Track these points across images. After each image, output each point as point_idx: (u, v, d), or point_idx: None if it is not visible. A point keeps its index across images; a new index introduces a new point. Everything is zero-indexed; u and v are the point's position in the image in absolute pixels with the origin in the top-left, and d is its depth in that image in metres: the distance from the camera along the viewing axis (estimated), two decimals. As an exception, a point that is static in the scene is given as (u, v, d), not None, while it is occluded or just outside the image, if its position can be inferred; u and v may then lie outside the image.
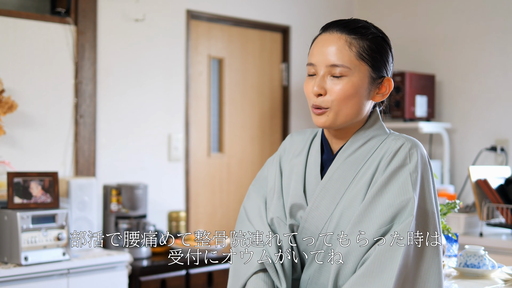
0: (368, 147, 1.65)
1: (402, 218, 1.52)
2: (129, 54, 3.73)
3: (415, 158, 1.59)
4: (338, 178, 1.64)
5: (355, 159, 1.64)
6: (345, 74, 1.60)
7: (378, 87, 1.65)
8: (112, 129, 3.66)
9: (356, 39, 1.61)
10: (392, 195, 1.55)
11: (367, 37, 1.62)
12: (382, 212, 1.53)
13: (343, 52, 1.60)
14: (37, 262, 2.84)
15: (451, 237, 2.39)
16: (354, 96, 1.60)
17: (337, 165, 1.65)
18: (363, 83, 1.61)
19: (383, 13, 4.78)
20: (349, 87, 1.60)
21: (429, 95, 4.35)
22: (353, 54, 1.60)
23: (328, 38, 1.63)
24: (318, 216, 1.64)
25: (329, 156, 1.70)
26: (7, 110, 3.12)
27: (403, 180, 1.56)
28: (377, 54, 1.62)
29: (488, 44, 4.26)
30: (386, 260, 1.48)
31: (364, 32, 1.62)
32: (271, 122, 4.50)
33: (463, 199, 4.23)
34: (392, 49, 1.69)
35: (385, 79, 1.66)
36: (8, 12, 3.30)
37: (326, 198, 1.64)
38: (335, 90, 1.60)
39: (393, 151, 1.60)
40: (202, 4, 4.04)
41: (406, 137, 1.65)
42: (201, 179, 4.12)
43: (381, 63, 1.64)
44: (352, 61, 1.60)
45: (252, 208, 1.80)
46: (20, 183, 2.91)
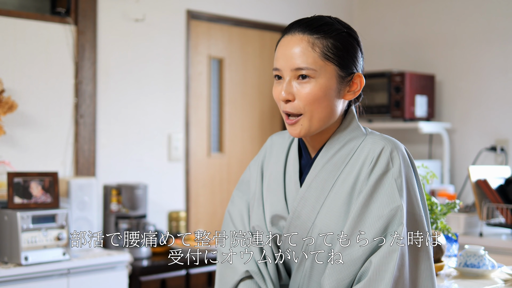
0: (346, 151, 1.60)
1: (393, 228, 1.49)
2: (129, 54, 3.73)
3: (397, 161, 1.54)
4: (317, 186, 1.60)
5: (333, 164, 1.60)
6: (311, 76, 1.54)
7: (348, 85, 1.59)
8: (112, 129, 3.66)
9: (319, 39, 1.54)
10: (381, 204, 1.51)
11: (331, 35, 1.55)
12: (373, 224, 1.50)
13: (307, 53, 1.54)
14: (37, 262, 2.84)
15: (451, 237, 2.39)
16: (323, 98, 1.55)
17: (315, 173, 1.60)
18: (331, 84, 1.55)
19: (383, 13, 4.78)
20: (317, 90, 1.54)
21: (429, 95, 4.35)
22: (317, 54, 1.54)
23: (291, 40, 1.57)
24: (300, 225, 1.60)
25: (307, 161, 1.66)
26: (7, 110, 3.12)
27: (388, 187, 1.52)
28: (343, 52, 1.56)
29: (488, 44, 4.27)
30: (382, 272, 1.46)
31: (327, 29, 1.56)
32: (271, 122, 4.50)
33: (463, 199, 4.23)
34: (361, 43, 1.62)
35: (355, 76, 1.59)
36: (8, 12, 3.30)
37: (306, 207, 1.60)
38: (302, 95, 1.54)
39: (375, 157, 1.55)
40: (202, 4, 4.04)
41: (385, 138, 1.60)
42: (201, 179, 4.12)
43: (348, 60, 1.57)
44: (317, 62, 1.54)
45: (235, 213, 1.77)
46: (20, 183, 2.91)
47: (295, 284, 1.64)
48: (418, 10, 4.61)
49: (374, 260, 1.48)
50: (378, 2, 4.83)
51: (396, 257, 1.47)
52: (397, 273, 1.47)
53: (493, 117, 4.24)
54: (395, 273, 1.46)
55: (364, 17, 4.88)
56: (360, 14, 4.88)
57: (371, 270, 1.47)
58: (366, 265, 1.49)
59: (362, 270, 1.49)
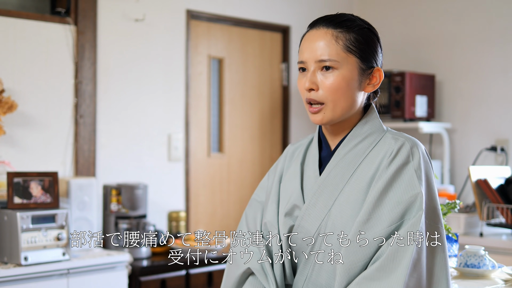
0: (366, 144, 1.67)
1: (412, 214, 1.53)
2: (129, 54, 3.73)
3: (417, 156, 1.61)
4: (336, 174, 1.65)
5: (353, 155, 1.65)
6: (334, 67, 1.62)
7: (368, 78, 1.67)
8: (112, 129, 3.66)
9: (342, 33, 1.63)
10: (400, 191, 1.56)
11: (353, 30, 1.64)
12: (392, 209, 1.54)
13: (330, 46, 1.62)
14: (37, 262, 2.84)
15: (451, 237, 2.39)
16: (346, 88, 1.63)
17: (336, 162, 1.66)
18: (353, 75, 1.63)
19: (383, 13, 4.78)
20: (340, 80, 1.62)
21: (429, 95, 4.35)
22: (340, 47, 1.62)
23: (315, 34, 1.65)
24: (315, 213, 1.64)
25: (327, 153, 1.71)
26: (7, 110, 3.12)
27: (409, 176, 1.57)
28: (364, 46, 1.65)
29: (488, 44, 4.26)
30: (399, 256, 1.49)
31: (350, 25, 1.65)
32: (271, 122, 4.50)
33: (463, 199, 4.23)
34: (380, 40, 1.71)
35: (375, 70, 1.68)
36: (8, 12, 3.29)
37: (324, 194, 1.64)
38: (326, 84, 1.62)
39: (395, 149, 1.61)
40: (202, 4, 4.04)
41: (405, 136, 1.67)
42: (201, 179, 4.12)
43: (369, 54, 1.66)
44: (340, 54, 1.62)
45: (250, 216, 1.83)
46: (20, 183, 2.91)
47: (302, 277, 1.66)
48: (418, 10, 4.61)
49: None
50: (378, 2, 4.83)
51: (416, 239, 1.50)
52: (415, 255, 1.50)
53: (493, 117, 4.24)
54: (413, 255, 1.49)
55: (364, 17, 4.86)
56: (360, 14, 4.88)
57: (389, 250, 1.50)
58: (384, 247, 1.52)
59: (379, 253, 1.52)
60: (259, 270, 1.68)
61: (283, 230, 1.69)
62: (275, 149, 4.50)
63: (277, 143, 4.52)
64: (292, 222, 1.69)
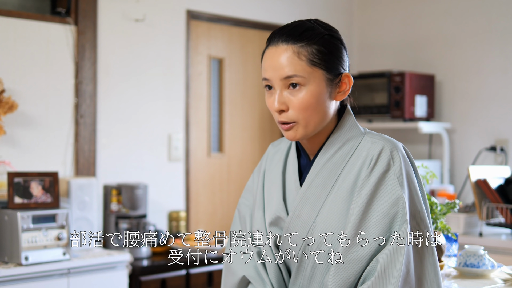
0: (345, 150, 1.62)
1: (397, 225, 1.51)
2: (129, 54, 3.73)
3: (398, 160, 1.56)
4: (317, 185, 1.61)
5: (333, 164, 1.61)
6: (301, 83, 1.55)
7: (338, 86, 1.61)
8: (112, 129, 3.66)
9: (303, 47, 1.56)
10: (384, 203, 1.52)
11: (314, 41, 1.57)
12: (377, 222, 1.51)
13: (294, 62, 1.55)
14: (38, 262, 2.84)
15: (451, 237, 2.39)
16: (315, 104, 1.57)
17: (316, 172, 1.62)
18: (321, 88, 1.57)
19: (383, 13, 4.78)
20: (309, 97, 1.56)
21: (429, 95, 4.35)
22: (304, 62, 1.55)
23: (276, 51, 1.57)
24: (300, 224, 1.61)
25: (307, 161, 1.68)
26: (7, 110, 3.13)
27: (391, 185, 1.53)
28: (328, 55, 1.57)
29: (488, 44, 4.27)
30: (389, 270, 1.48)
31: (309, 35, 1.57)
32: (271, 122, 4.50)
33: (463, 199, 4.23)
34: (344, 42, 1.64)
35: (343, 76, 1.61)
36: (8, 12, 3.30)
37: (307, 206, 1.61)
38: (295, 104, 1.56)
39: (375, 155, 1.56)
40: (202, 4, 4.05)
41: (384, 137, 1.61)
42: (201, 179, 4.13)
43: (334, 63, 1.59)
44: (305, 69, 1.55)
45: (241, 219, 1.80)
46: (21, 183, 2.91)
47: (295, 286, 1.64)
48: (418, 10, 4.62)
49: (381, 258, 1.49)
50: (378, 2, 4.83)
51: (403, 254, 1.48)
52: (404, 269, 1.48)
53: (493, 117, 4.24)
54: (403, 269, 1.47)
55: (364, 17, 4.89)
56: (360, 14, 4.89)
57: (379, 268, 1.48)
58: (373, 263, 1.50)
59: (368, 269, 1.50)
60: (256, 279, 1.66)
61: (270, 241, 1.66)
62: (275, 149, 4.50)
63: (277, 143, 4.52)
64: (278, 231, 1.66)
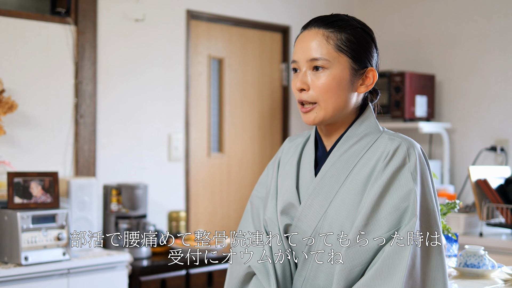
0: (362, 145, 1.65)
1: (406, 220, 1.53)
2: (129, 54, 3.73)
3: (413, 157, 1.59)
4: (332, 176, 1.64)
5: (349, 156, 1.64)
6: (325, 66, 1.61)
7: (361, 78, 1.66)
8: (112, 129, 3.66)
9: (333, 32, 1.63)
10: (396, 196, 1.55)
11: (345, 30, 1.64)
12: (389, 214, 1.53)
13: (321, 45, 1.62)
14: (37, 262, 2.84)
15: (451, 237, 2.39)
16: (336, 88, 1.62)
17: (331, 163, 1.65)
18: (344, 75, 1.62)
19: (383, 13, 4.78)
20: (330, 80, 1.61)
21: (429, 95, 4.35)
22: (331, 46, 1.62)
23: (307, 34, 1.66)
24: (311, 214, 1.63)
25: (323, 153, 1.70)
26: (7, 110, 3.12)
27: (404, 180, 1.56)
28: (356, 45, 1.64)
29: (488, 44, 4.27)
30: (395, 262, 1.49)
31: (342, 24, 1.65)
32: (271, 122, 4.50)
33: (463, 199, 4.23)
34: (376, 41, 1.70)
35: (369, 70, 1.66)
36: (8, 12, 3.30)
37: (320, 196, 1.63)
38: (317, 84, 1.62)
39: (391, 151, 1.59)
40: (202, 4, 4.04)
41: (402, 136, 1.65)
42: (201, 179, 4.12)
43: (362, 54, 1.65)
44: (331, 53, 1.62)
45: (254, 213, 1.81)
46: (20, 183, 2.91)
47: (300, 277, 1.66)
48: (418, 10, 4.61)
49: (388, 249, 1.51)
50: (378, 2, 4.83)
51: (410, 247, 1.50)
52: (410, 262, 1.50)
53: (493, 117, 4.24)
54: (409, 262, 1.49)
55: (364, 17, 4.88)
56: (360, 14, 4.88)
57: (385, 258, 1.50)
58: (380, 254, 1.52)
59: (375, 260, 1.52)
60: (261, 270, 1.67)
61: (280, 229, 1.69)
62: (275, 149, 4.50)
63: (277, 143, 4.52)
64: (288, 220, 1.68)
